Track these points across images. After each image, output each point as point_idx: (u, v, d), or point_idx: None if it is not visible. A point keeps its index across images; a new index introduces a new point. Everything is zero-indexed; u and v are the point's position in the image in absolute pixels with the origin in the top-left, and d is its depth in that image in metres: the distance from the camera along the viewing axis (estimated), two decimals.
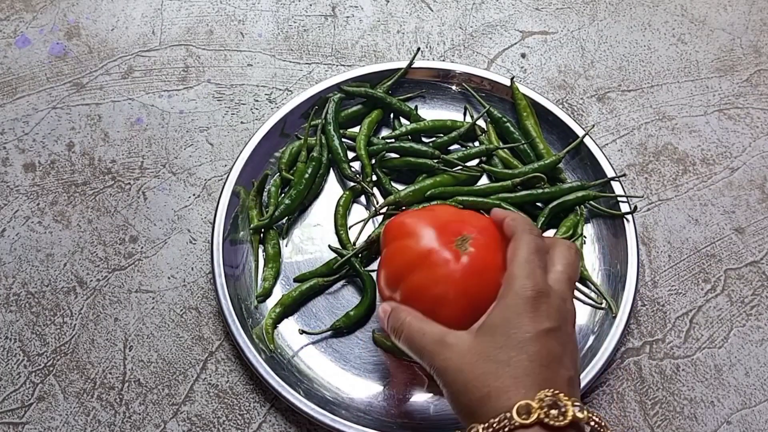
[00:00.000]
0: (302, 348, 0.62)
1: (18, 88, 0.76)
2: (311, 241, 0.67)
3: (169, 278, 0.66)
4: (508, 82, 0.73)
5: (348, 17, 0.81)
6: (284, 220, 0.67)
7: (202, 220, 0.69)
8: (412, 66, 0.73)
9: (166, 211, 0.69)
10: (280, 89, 0.76)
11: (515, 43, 0.80)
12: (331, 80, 0.72)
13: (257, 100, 0.76)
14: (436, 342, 0.47)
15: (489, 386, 0.43)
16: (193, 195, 0.70)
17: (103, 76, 0.77)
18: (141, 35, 0.79)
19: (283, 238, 0.67)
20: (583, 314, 0.64)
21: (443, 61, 0.78)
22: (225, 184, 0.67)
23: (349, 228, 0.67)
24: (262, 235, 0.67)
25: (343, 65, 0.78)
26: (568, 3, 0.83)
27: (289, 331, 0.63)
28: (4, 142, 0.73)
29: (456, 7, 0.82)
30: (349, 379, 0.61)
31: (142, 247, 0.68)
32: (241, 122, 0.74)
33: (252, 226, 0.66)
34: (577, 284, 0.65)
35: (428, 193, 0.66)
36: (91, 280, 0.66)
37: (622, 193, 0.67)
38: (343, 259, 0.63)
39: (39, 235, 0.68)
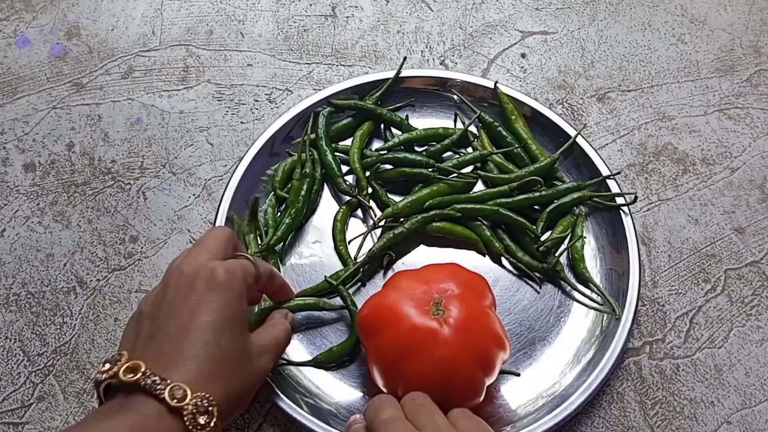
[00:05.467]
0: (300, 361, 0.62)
1: (18, 88, 0.76)
2: (311, 259, 0.66)
3: None
4: (499, 88, 0.72)
5: (348, 17, 0.81)
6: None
7: (202, 220, 0.69)
8: (399, 74, 0.72)
9: (166, 211, 0.69)
10: (280, 89, 0.76)
11: (515, 43, 0.80)
12: (319, 95, 0.71)
13: (257, 100, 0.76)
14: None
15: None
16: (193, 195, 0.70)
17: (103, 76, 0.77)
18: (141, 35, 0.79)
19: (282, 262, 0.66)
20: (586, 316, 0.64)
21: (432, 68, 0.77)
22: (218, 212, 0.65)
23: (349, 243, 0.66)
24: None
25: (343, 65, 0.78)
26: (568, 3, 0.83)
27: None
28: (4, 142, 0.73)
29: (456, 7, 0.82)
30: (345, 390, 0.61)
31: (142, 247, 0.68)
32: (241, 122, 0.74)
33: (253, 252, 0.63)
34: (580, 286, 0.65)
35: (426, 203, 0.66)
36: (91, 280, 0.66)
37: (618, 191, 0.67)
38: (345, 275, 0.63)
39: (39, 235, 0.68)
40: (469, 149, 0.71)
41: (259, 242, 0.65)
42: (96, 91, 0.76)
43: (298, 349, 0.62)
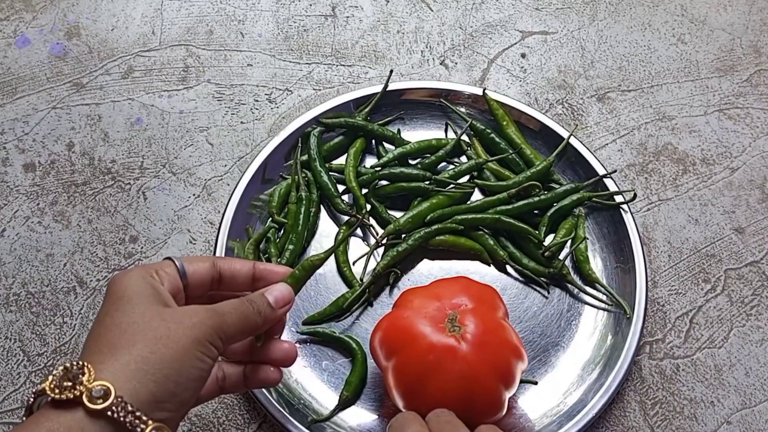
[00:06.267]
0: (298, 368, 0.62)
1: (18, 88, 0.76)
2: (315, 283, 0.65)
3: None
4: (488, 95, 0.71)
5: (348, 17, 0.81)
6: None
7: (202, 220, 0.69)
8: (386, 88, 0.71)
9: (166, 211, 0.69)
10: (280, 89, 0.76)
11: (515, 43, 0.80)
12: (307, 116, 0.70)
13: (257, 100, 0.76)
14: None
15: None
16: (193, 195, 0.70)
17: (103, 76, 0.77)
18: (141, 35, 0.79)
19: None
20: (596, 318, 0.64)
21: (419, 79, 0.76)
22: (217, 242, 0.64)
23: (353, 264, 0.66)
24: None
25: (343, 65, 0.78)
26: (568, 3, 0.83)
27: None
28: (4, 142, 0.73)
29: (456, 7, 0.82)
30: (359, 413, 0.60)
31: (142, 247, 0.68)
32: (241, 122, 0.74)
33: None
34: (587, 288, 0.65)
35: (427, 217, 0.65)
36: (91, 280, 0.66)
37: (615, 189, 0.67)
38: (353, 297, 0.63)
39: (39, 235, 0.68)
40: (464, 158, 0.71)
41: None
42: (96, 91, 0.76)
43: (314, 382, 0.61)
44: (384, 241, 0.65)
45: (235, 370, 0.49)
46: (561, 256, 0.65)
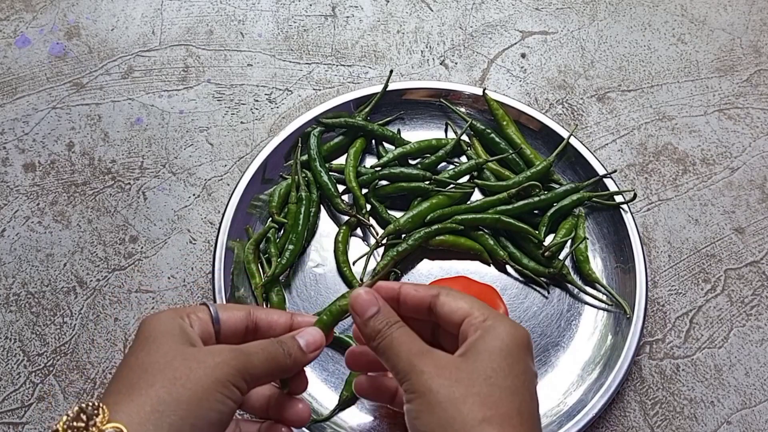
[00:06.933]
0: None
1: (18, 88, 0.76)
2: (314, 283, 0.65)
3: (169, 278, 0.66)
4: (488, 95, 0.71)
5: (348, 17, 0.81)
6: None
7: (202, 220, 0.69)
8: (386, 88, 0.71)
9: (166, 211, 0.69)
10: (280, 89, 0.76)
11: (515, 43, 0.80)
12: (307, 115, 0.70)
13: (257, 100, 0.76)
14: (418, 354, 0.42)
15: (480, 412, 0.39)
16: (193, 195, 0.70)
17: (103, 76, 0.77)
18: (141, 35, 0.79)
19: (287, 289, 0.65)
20: (596, 318, 0.64)
21: (419, 79, 0.76)
22: (217, 242, 0.64)
23: (353, 264, 0.65)
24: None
25: (343, 65, 0.78)
26: (568, 3, 0.83)
27: None
28: (4, 142, 0.73)
29: (456, 7, 0.82)
30: (358, 414, 0.60)
31: (142, 247, 0.68)
32: (241, 122, 0.74)
33: (261, 283, 0.63)
34: (587, 288, 0.65)
35: (427, 217, 0.65)
36: (91, 280, 0.66)
37: (615, 189, 0.67)
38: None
39: (39, 235, 0.68)
40: (464, 158, 0.71)
41: (262, 271, 0.64)
42: (96, 91, 0.76)
43: (314, 382, 0.61)
44: (384, 241, 0.65)
45: (252, 428, 0.48)
46: (561, 256, 0.65)
